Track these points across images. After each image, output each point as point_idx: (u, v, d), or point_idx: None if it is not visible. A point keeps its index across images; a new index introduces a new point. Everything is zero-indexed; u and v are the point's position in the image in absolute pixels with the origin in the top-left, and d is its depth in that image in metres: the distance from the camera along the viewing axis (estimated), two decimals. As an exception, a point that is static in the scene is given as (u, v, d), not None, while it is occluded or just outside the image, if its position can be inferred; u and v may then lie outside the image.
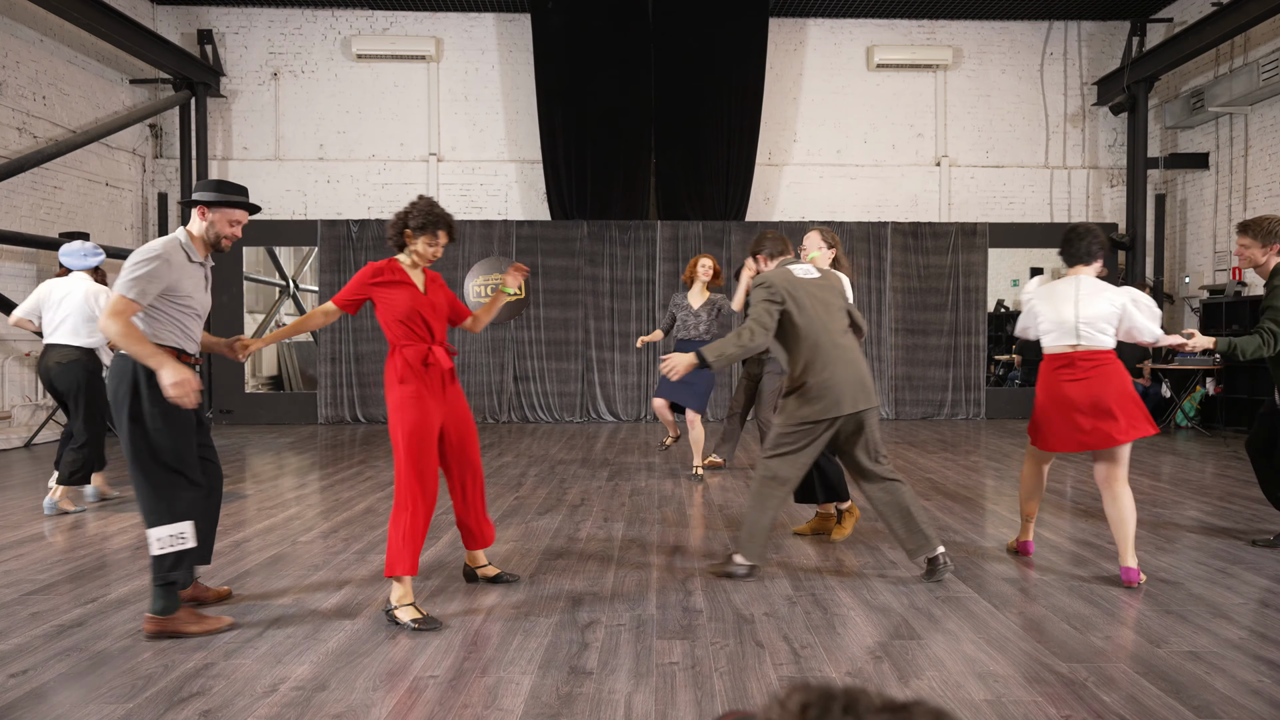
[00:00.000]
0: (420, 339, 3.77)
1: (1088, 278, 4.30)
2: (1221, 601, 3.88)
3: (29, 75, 9.96)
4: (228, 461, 8.39)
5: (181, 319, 3.60)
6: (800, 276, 4.25)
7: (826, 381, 4.07)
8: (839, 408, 4.07)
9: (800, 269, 4.30)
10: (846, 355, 4.14)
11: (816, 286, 4.25)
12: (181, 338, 3.60)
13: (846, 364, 4.12)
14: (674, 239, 12.19)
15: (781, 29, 12.69)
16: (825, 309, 4.20)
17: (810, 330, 4.11)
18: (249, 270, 12.80)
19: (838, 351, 4.13)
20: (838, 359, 4.11)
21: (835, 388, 4.06)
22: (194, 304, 3.64)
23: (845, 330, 4.25)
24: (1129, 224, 12.35)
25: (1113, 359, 4.21)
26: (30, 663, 3.19)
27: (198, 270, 3.68)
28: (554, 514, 5.81)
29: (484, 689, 2.96)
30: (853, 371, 4.13)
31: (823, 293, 4.25)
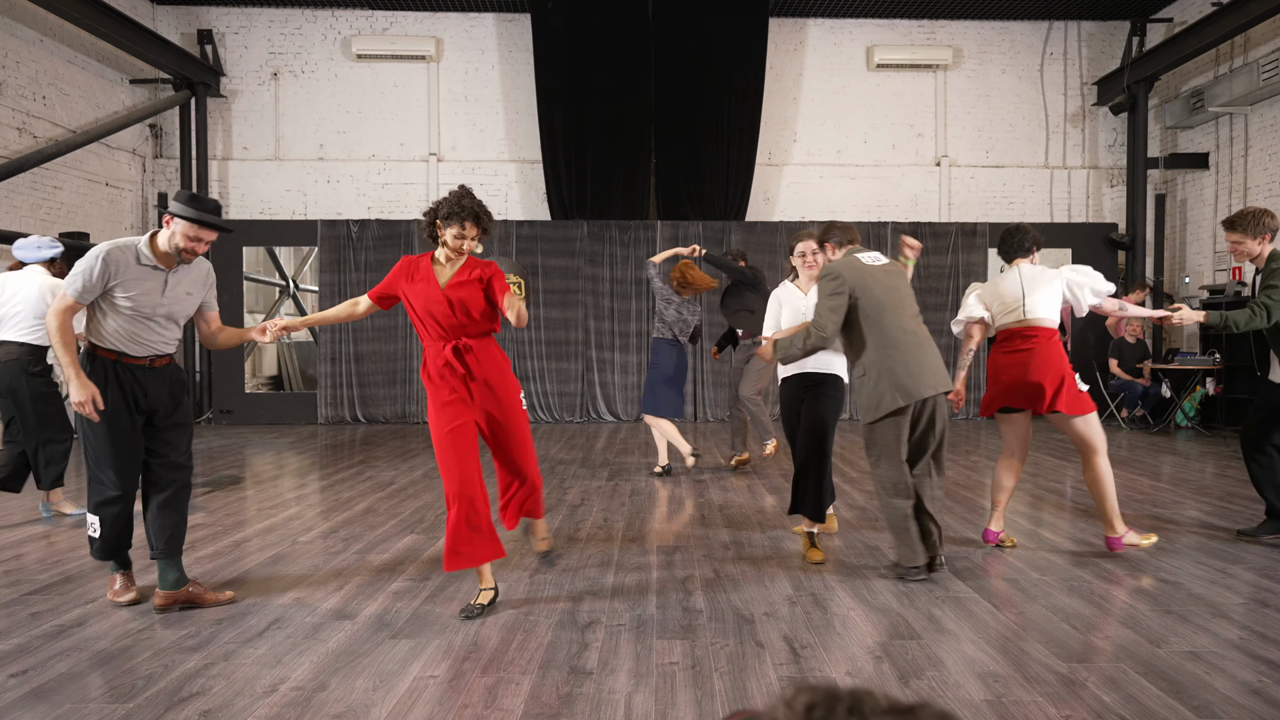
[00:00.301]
0: (434, 338, 3.76)
1: (1027, 265, 4.67)
2: (1221, 601, 3.87)
3: (29, 75, 9.96)
4: (228, 461, 8.40)
5: (127, 323, 3.65)
6: (868, 264, 4.21)
7: (903, 367, 4.05)
8: (918, 391, 4.05)
9: (868, 256, 4.27)
10: (919, 340, 4.15)
11: (884, 273, 4.22)
12: (125, 341, 3.66)
13: (919, 349, 4.12)
14: (674, 239, 12.19)
15: (781, 29, 12.69)
16: (896, 296, 4.18)
17: (881, 318, 4.09)
18: (249, 270, 12.79)
19: (910, 338, 4.12)
20: (911, 345, 4.10)
21: (913, 373, 4.05)
22: (143, 309, 3.66)
23: (916, 316, 4.24)
24: (1129, 224, 12.35)
25: (1052, 335, 4.57)
26: (30, 663, 3.19)
27: (153, 275, 3.68)
28: (554, 514, 5.81)
29: (484, 689, 2.96)
30: (928, 356, 4.13)
31: (891, 279, 4.22)
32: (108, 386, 3.65)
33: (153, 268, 3.68)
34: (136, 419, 3.73)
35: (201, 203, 3.68)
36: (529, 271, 12.11)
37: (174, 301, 3.75)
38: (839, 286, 4.11)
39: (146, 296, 3.65)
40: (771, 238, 12.20)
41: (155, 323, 3.71)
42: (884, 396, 4.06)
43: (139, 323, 3.67)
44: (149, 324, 3.69)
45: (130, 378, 3.69)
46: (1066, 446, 9.20)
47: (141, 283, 3.65)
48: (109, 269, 3.59)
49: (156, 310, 3.69)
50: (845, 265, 4.19)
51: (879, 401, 4.09)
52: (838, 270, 4.16)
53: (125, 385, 3.68)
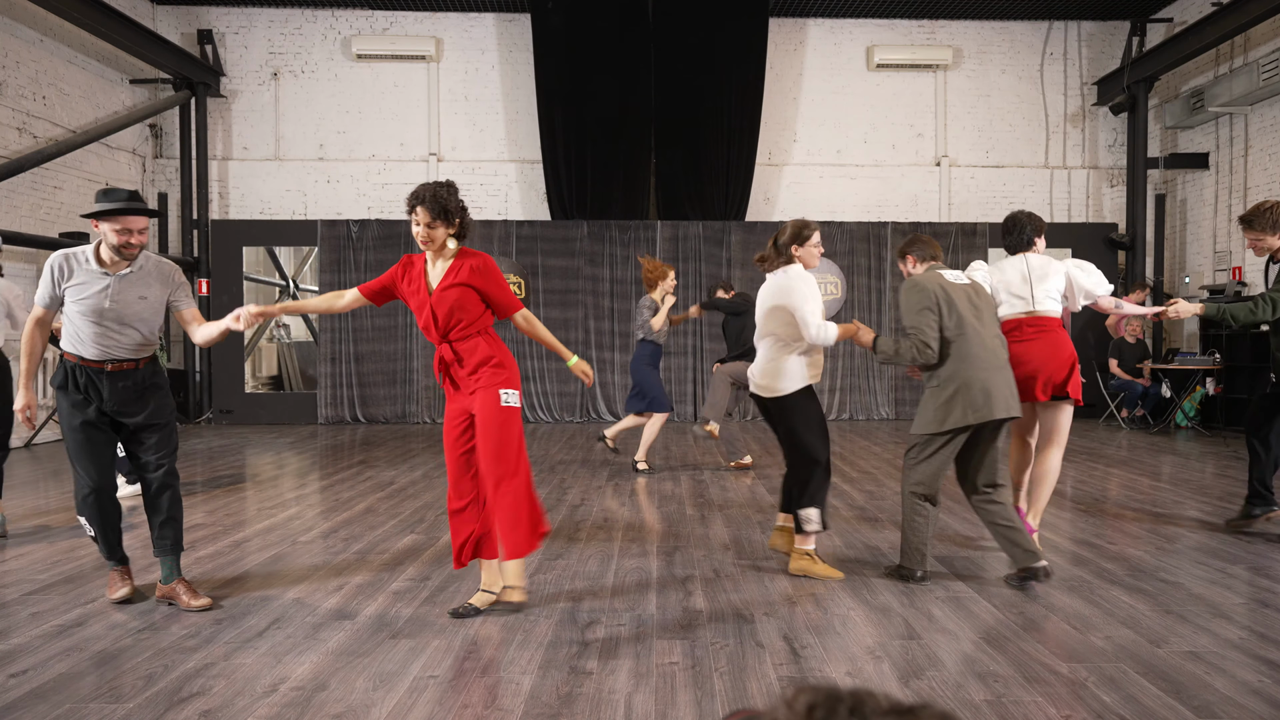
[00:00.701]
0: (433, 338, 3.77)
1: (1034, 255, 4.66)
2: (1221, 601, 3.87)
3: (29, 75, 9.96)
4: (228, 462, 8.40)
5: (81, 326, 3.76)
6: (951, 281, 4.18)
7: (980, 385, 3.99)
8: (990, 412, 3.99)
9: (950, 274, 4.22)
10: (998, 361, 4.09)
11: (969, 291, 4.19)
12: (80, 344, 3.78)
13: (998, 369, 4.07)
14: (674, 239, 12.19)
15: (781, 29, 12.69)
16: (976, 314, 4.13)
17: (962, 335, 4.04)
18: (249, 270, 12.79)
19: (990, 356, 4.06)
20: (990, 363, 4.05)
21: (989, 392, 3.99)
22: (90, 313, 3.74)
23: (997, 335, 4.20)
24: (1129, 224, 12.35)
25: (1058, 324, 4.58)
26: (30, 663, 3.19)
27: (98, 279, 3.76)
28: (554, 514, 5.81)
29: (484, 689, 2.96)
30: (1004, 377, 4.08)
31: (974, 298, 4.19)
32: (67, 387, 3.81)
33: (98, 273, 3.76)
34: (99, 418, 3.82)
35: (112, 194, 3.74)
36: (529, 271, 12.12)
37: (123, 305, 3.78)
38: (926, 300, 4.05)
39: (92, 300, 3.74)
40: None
41: (107, 326, 3.77)
42: (954, 411, 4.00)
43: (91, 326, 3.76)
44: (100, 327, 3.77)
45: (86, 379, 3.79)
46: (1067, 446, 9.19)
47: (87, 287, 3.75)
48: (55, 275, 3.75)
49: (105, 314, 3.76)
50: (930, 279, 4.14)
51: (947, 415, 4.02)
52: (922, 283, 4.11)
53: (82, 386, 3.79)
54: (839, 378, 12.26)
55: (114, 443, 3.93)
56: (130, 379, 3.85)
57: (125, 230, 3.71)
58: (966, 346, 4.03)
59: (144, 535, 5.21)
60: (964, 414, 3.99)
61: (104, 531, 3.89)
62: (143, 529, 5.41)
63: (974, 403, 3.98)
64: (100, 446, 3.84)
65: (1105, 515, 5.76)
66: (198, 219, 12.06)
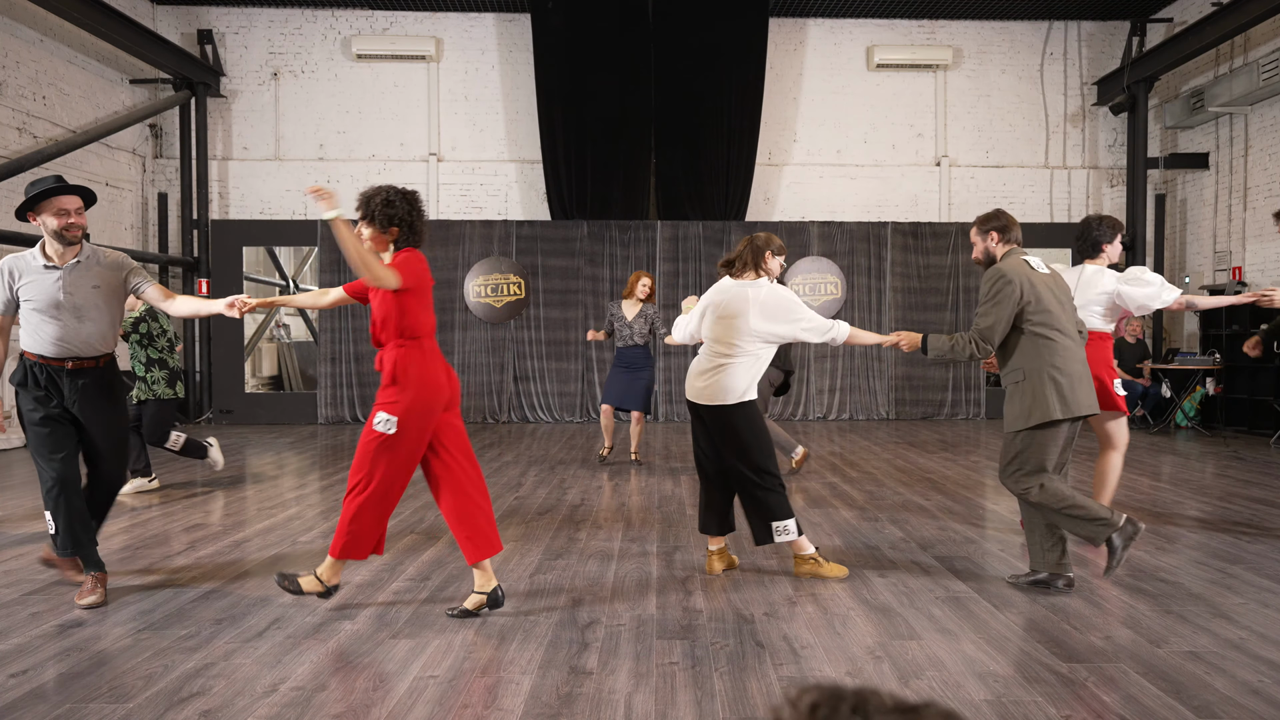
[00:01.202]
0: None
1: (1091, 266, 4.74)
2: (1221, 601, 3.87)
3: (29, 75, 9.96)
4: (228, 462, 8.40)
5: (38, 324, 3.88)
6: (1036, 269, 3.97)
7: (1069, 378, 3.84)
8: (1078, 407, 3.85)
9: (1034, 260, 4.00)
10: (1080, 355, 3.94)
11: (1052, 281, 3.99)
12: (41, 343, 3.89)
13: (1082, 364, 3.93)
14: (674, 239, 12.19)
15: (781, 29, 12.69)
16: (1060, 306, 3.95)
17: (1048, 326, 3.87)
18: (249, 270, 12.79)
19: (1076, 350, 3.92)
20: (1076, 358, 3.90)
21: (1076, 387, 3.85)
22: (46, 308, 3.86)
23: (1079, 329, 4.05)
24: (1129, 224, 12.34)
25: (1095, 339, 4.63)
26: (30, 663, 3.19)
27: (48, 274, 3.88)
28: (553, 514, 5.81)
29: (484, 689, 2.96)
30: (1087, 372, 3.95)
31: (1058, 289, 3.98)
32: (27, 384, 3.91)
33: (46, 267, 3.88)
34: (62, 413, 3.93)
35: (38, 183, 3.87)
36: (529, 271, 12.12)
37: (78, 295, 3.90)
38: (1011, 292, 3.82)
39: (45, 294, 3.86)
40: (771, 238, 12.19)
41: (62, 321, 3.86)
42: (1043, 406, 3.82)
43: (48, 322, 3.86)
44: (57, 322, 3.86)
45: (46, 377, 3.89)
46: (1066, 446, 9.20)
47: (39, 283, 3.88)
48: (6, 279, 3.89)
49: (61, 308, 3.86)
50: (1016, 267, 3.89)
51: (1032, 412, 3.85)
52: (1008, 272, 3.86)
53: (42, 383, 3.90)
54: (839, 378, 12.25)
55: (75, 437, 3.97)
56: (90, 376, 3.94)
57: (62, 212, 3.82)
58: (1053, 341, 3.84)
59: (137, 536, 5.22)
60: (1061, 408, 3.79)
61: (69, 526, 3.91)
62: (126, 536, 5.41)
63: (1064, 398, 3.80)
64: (62, 439, 3.91)
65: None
66: (198, 219, 12.06)
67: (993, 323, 3.86)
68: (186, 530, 5.36)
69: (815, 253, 12.22)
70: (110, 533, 5.31)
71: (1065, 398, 3.82)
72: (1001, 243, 4.05)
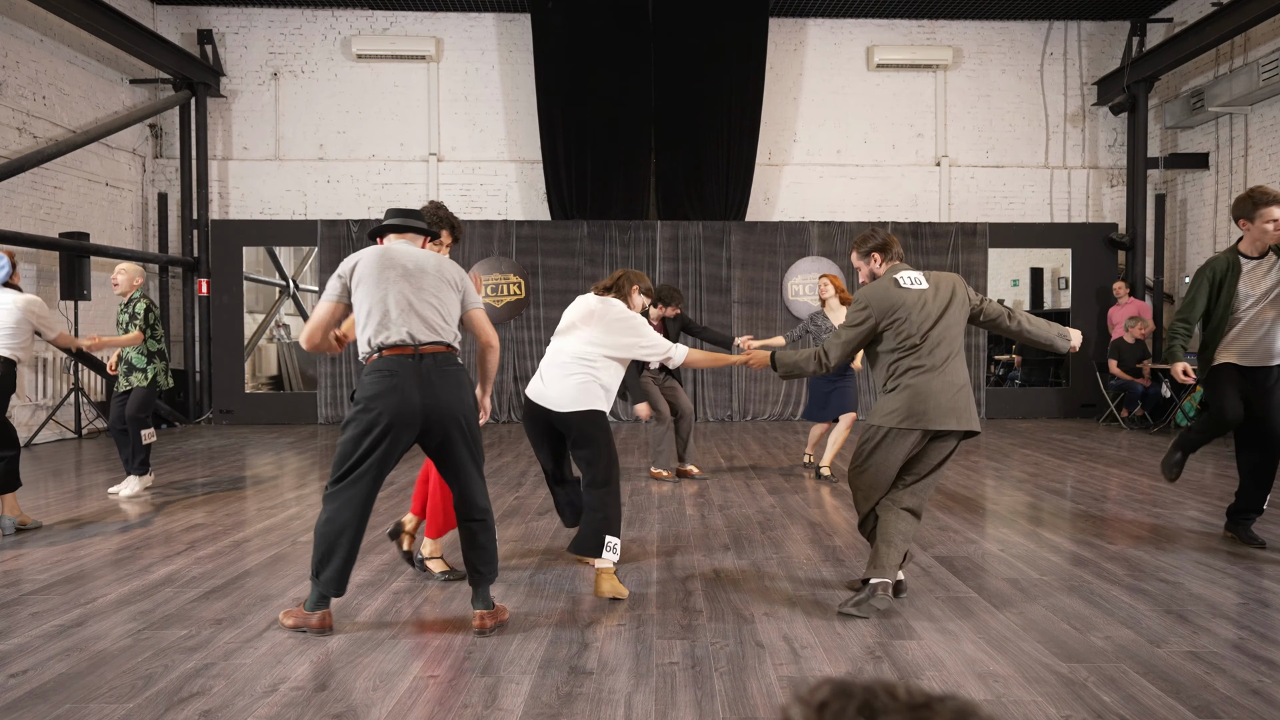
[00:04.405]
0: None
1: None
2: (1221, 601, 3.87)
3: (29, 75, 9.96)
4: (228, 461, 8.40)
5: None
6: (908, 287, 3.81)
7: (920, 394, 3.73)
8: (926, 421, 3.73)
9: (907, 276, 3.83)
10: (944, 373, 3.78)
11: (929, 295, 3.83)
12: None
13: (944, 381, 3.77)
14: (674, 239, 12.19)
15: (781, 29, 12.69)
16: (926, 322, 3.78)
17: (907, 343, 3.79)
18: (249, 270, 12.79)
19: (940, 369, 3.78)
20: (938, 376, 3.77)
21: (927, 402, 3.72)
22: None
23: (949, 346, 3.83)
24: (1129, 224, 12.35)
25: None
26: (30, 663, 3.19)
27: None
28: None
29: (484, 689, 2.96)
30: (949, 389, 3.76)
31: (934, 303, 3.83)
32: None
33: None
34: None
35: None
36: (529, 271, 12.12)
37: None
38: (866, 318, 3.77)
39: None
40: (771, 238, 12.20)
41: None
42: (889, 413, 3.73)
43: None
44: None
45: None
46: (1067, 446, 9.21)
47: None
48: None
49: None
50: (874, 293, 3.79)
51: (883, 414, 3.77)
52: (866, 300, 3.79)
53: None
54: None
55: None
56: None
57: None
58: (908, 356, 3.72)
59: (137, 535, 5.22)
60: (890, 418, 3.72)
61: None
62: (126, 535, 5.41)
63: (910, 410, 3.69)
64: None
65: (1105, 515, 5.76)
66: (198, 219, 12.06)
67: (841, 343, 3.87)
68: (186, 530, 5.36)
69: (815, 253, 12.22)
70: (111, 533, 5.31)
71: (914, 410, 3.67)
72: (884, 262, 3.95)
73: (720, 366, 4.36)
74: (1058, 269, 13.82)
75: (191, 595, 4.01)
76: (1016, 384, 13.45)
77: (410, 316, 3.44)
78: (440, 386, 3.43)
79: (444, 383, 3.44)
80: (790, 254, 12.25)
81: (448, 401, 3.43)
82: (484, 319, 3.69)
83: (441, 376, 3.44)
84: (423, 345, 3.43)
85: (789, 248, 12.22)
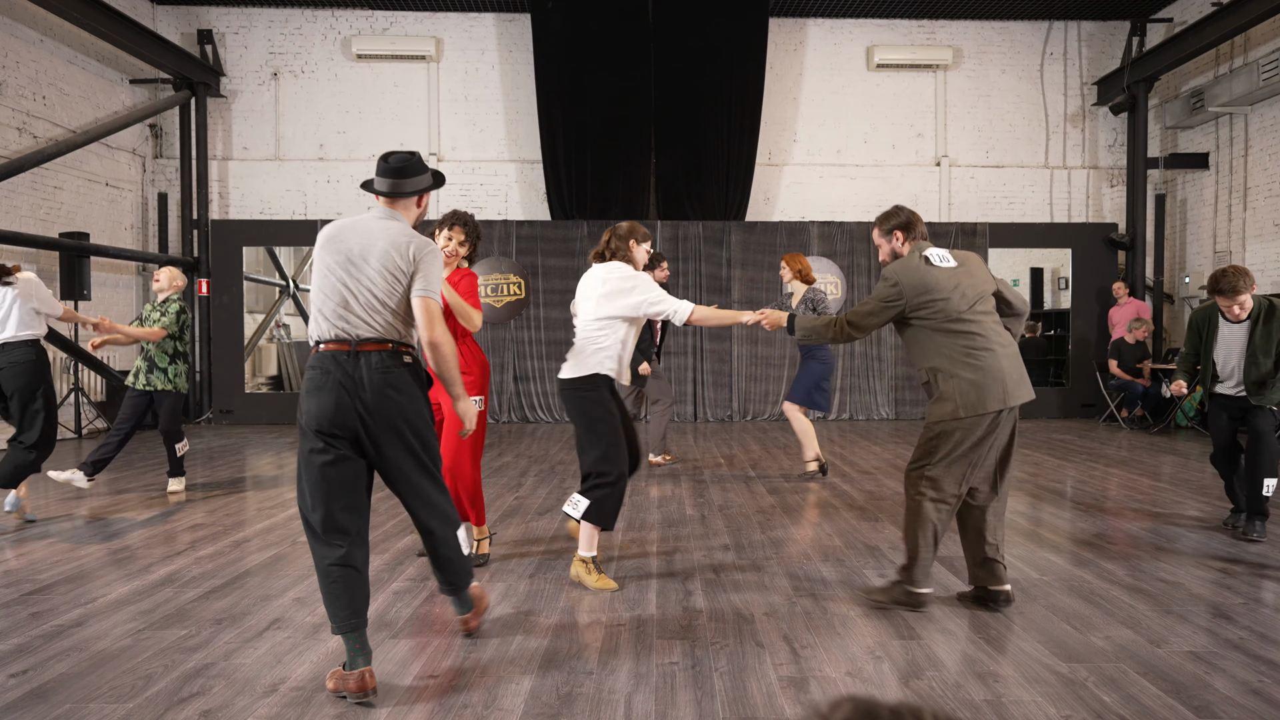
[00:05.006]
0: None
1: None
2: (1221, 601, 3.87)
3: (29, 75, 9.96)
4: (228, 461, 8.40)
5: None
6: (938, 264, 3.78)
7: (982, 373, 3.67)
8: (995, 401, 3.66)
9: (936, 254, 3.80)
10: (1002, 346, 3.77)
11: (961, 273, 3.82)
12: None
13: (1005, 357, 3.74)
14: (674, 239, 12.19)
15: (781, 29, 12.69)
16: (964, 298, 3.76)
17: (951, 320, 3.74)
18: (249, 270, 12.79)
19: (995, 341, 3.76)
20: (995, 351, 3.72)
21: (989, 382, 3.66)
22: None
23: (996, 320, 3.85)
24: (1129, 224, 12.35)
25: None
26: (30, 663, 3.19)
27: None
28: (554, 514, 5.81)
29: (484, 689, 2.96)
30: (1010, 365, 3.72)
31: (968, 282, 3.82)
32: None
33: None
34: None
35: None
36: (529, 271, 12.12)
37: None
38: (895, 296, 3.69)
39: None
40: (771, 238, 12.20)
41: None
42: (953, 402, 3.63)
43: None
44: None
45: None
46: (1067, 446, 9.21)
47: None
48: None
49: None
50: (905, 269, 3.73)
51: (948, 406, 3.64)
52: (896, 277, 3.72)
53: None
54: (839, 378, 12.24)
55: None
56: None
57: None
58: (959, 332, 3.65)
59: (138, 536, 5.22)
60: (959, 405, 3.59)
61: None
62: (126, 535, 5.41)
63: (980, 393, 3.58)
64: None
65: (1105, 515, 5.76)
66: (198, 219, 12.06)
67: (866, 314, 3.77)
68: (186, 530, 5.36)
69: (815, 253, 12.21)
70: (111, 533, 5.31)
71: (985, 392, 3.56)
72: (907, 241, 3.88)
73: (730, 325, 4.28)
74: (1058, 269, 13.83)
75: (191, 595, 4.01)
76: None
77: (347, 309, 2.99)
78: (373, 389, 2.94)
79: (378, 385, 2.95)
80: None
81: (381, 407, 2.95)
82: (429, 308, 3.06)
83: (376, 378, 2.95)
84: (361, 342, 2.97)
85: (789, 248, 12.21)
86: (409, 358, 3.07)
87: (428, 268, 3.08)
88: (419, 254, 3.07)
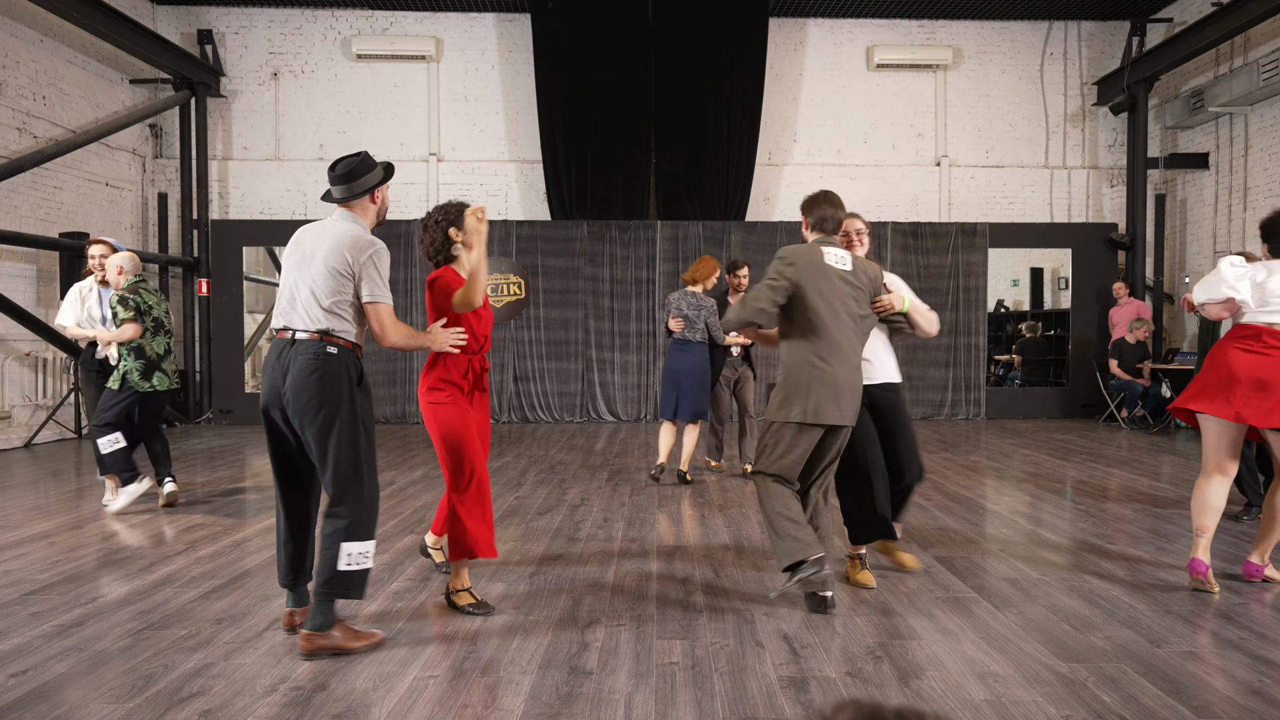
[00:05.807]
0: (474, 349, 3.84)
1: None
2: (1221, 601, 3.87)
3: (29, 75, 9.96)
4: (228, 461, 8.40)
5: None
6: (832, 265, 3.84)
7: (826, 386, 3.76)
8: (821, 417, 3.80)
9: (835, 254, 3.88)
10: (850, 361, 3.84)
11: (851, 277, 3.88)
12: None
13: (848, 369, 3.84)
14: (674, 239, 12.19)
15: (781, 29, 12.69)
16: (836, 305, 3.82)
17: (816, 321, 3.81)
18: (249, 270, 12.79)
19: (845, 354, 3.81)
20: (842, 362, 3.80)
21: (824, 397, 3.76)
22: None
23: (858, 337, 3.91)
24: (1129, 224, 12.35)
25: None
26: (30, 663, 3.19)
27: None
28: (554, 514, 5.81)
29: (484, 689, 2.96)
30: (849, 382, 3.83)
31: (853, 287, 3.88)
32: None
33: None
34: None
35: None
36: (529, 271, 12.12)
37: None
38: (784, 271, 3.76)
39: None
40: (771, 238, 12.20)
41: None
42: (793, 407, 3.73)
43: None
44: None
45: None
46: (1067, 446, 9.21)
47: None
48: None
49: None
50: (802, 252, 3.82)
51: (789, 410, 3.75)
52: (791, 255, 3.80)
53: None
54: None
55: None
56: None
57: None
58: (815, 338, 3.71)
59: (141, 536, 5.22)
60: (792, 411, 3.71)
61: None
62: (127, 535, 5.41)
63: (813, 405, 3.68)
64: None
65: (1105, 515, 5.76)
66: (198, 219, 12.06)
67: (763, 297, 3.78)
68: (186, 530, 5.36)
69: (815, 253, 12.20)
70: (111, 533, 5.31)
71: (816, 406, 3.68)
72: (815, 233, 4.03)
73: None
74: (1058, 269, 13.82)
75: (191, 595, 4.01)
76: (1016, 384, 13.46)
77: (294, 304, 3.31)
78: (294, 373, 3.20)
79: (299, 369, 3.20)
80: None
81: (297, 389, 3.19)
82: (379, 314, 3.28)
83: (298, 362, 3.21)
84: (299, 331, 3.26)
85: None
86: (334, 349, 3.25)
87: (369, 272, 3.29)
88: (356, 259, 3.29)
